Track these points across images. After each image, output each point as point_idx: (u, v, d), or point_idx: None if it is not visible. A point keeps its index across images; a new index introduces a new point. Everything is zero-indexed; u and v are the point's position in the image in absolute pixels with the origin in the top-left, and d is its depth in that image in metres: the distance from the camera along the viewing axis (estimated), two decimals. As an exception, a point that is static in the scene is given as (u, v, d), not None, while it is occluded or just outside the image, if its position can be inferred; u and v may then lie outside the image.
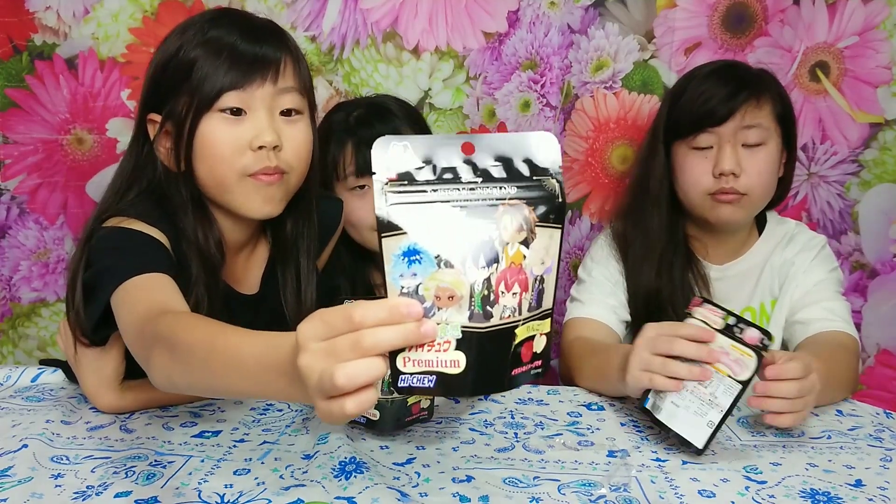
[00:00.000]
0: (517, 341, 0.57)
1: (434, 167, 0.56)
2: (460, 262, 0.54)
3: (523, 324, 0.57)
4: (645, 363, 0.94)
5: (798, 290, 1.26)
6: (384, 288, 0.55)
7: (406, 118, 1.27)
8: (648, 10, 1.50)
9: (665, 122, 1.28)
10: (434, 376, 0.55)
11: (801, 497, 0.82)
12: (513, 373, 0.57)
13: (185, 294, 0.93)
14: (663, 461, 0.90)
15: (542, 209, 0.57)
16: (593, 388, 1.13)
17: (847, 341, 1.17)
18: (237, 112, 0.94)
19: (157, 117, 0.97)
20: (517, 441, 0.95)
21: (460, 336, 0.54)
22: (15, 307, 1.54)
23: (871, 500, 0.82)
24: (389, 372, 0.55)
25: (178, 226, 0.98)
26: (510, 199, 0.56)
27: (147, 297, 0.86)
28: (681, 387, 0.91)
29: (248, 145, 0.94)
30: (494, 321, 0.55)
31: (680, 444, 0.92)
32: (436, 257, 0.54)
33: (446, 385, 0.55)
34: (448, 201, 0.55)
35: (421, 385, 0.55)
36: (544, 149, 0.58)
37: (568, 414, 1.05)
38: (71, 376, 1.10)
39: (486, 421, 1.01)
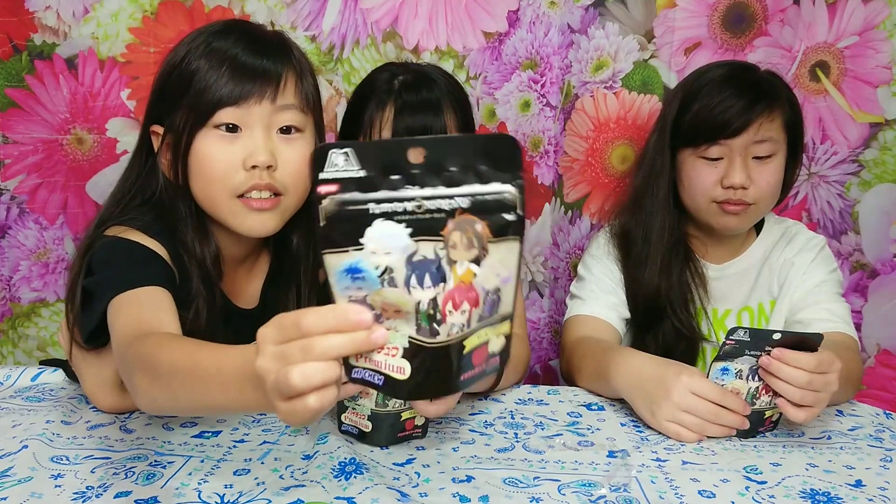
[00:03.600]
0: (466, 351, 0.55)
1: (379, 177, 0.51)
2: (403, 281, 0.52)
3: (473, 334, 0.55)
4: (677, 419, 0.95)
5: (798, 291, 1.26)
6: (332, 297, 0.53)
7: (449, 92, 1.21)
8: (648, 10, 1.50)
9: (673, 126, 1.26)
10: (382, 376, 0.54)
11: (801, 497, 0.82)
12: (462, 378, 0.56)
13: (185, 307, 0.93)
14: (663, 461, 0.90)
15: (497, 223, 0.53)
16: (592, 389, 1.13)
17: (848, 342, 1.17)
18: (233, 129, 0.92)
19: (160, 129, 0.97)
20: (517, 441, 0.95)
21: (407, 346, 0.53)
22: (15, 307, 1.54)
23: (871, 500, 0.82)
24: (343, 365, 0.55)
25: (179, 238, 0.97)
26: (461, 211, 0.52)
27: (136, 314, 0.85)
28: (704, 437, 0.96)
29: (241, 164, 0.92)
30: (441, 338, 0.53)
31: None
32: (379, 277, 0.52)
33: (392, 387, 0.54)
34: (392, 215, 0.51)
35: (371, 381, 0.55)
36: (504, 153, 0.53)
37: (568, 414, 1.05)
38: (71, 376, 1.10)
39: (486, 421, 1.01)
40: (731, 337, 0.92)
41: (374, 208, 0.51)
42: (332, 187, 0.51)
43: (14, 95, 1.45)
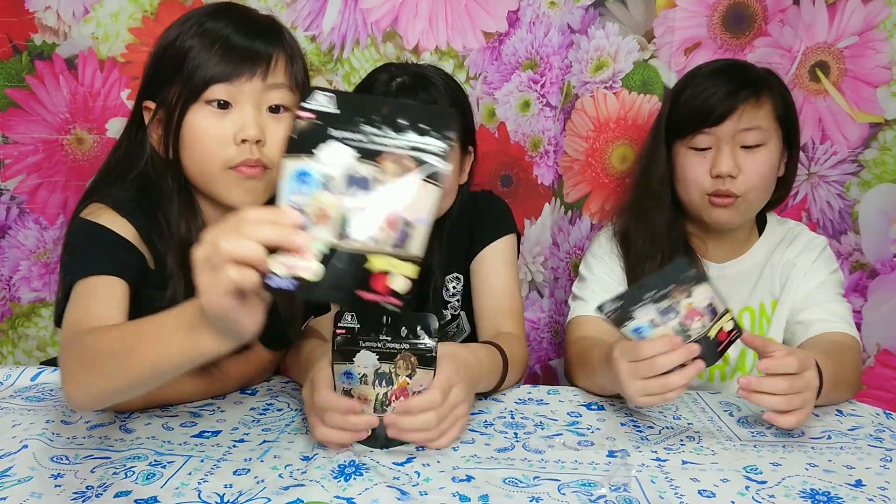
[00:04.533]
0: (368, 265, 0.63)
1: (346, 116, 0.65)
2: (339, 189, 0.64)
3: (380, 255, 0.64)
4: (643, 390, 0.94)
5: (799, 291, 1.26)
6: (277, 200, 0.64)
7: (447, 93, 1.23)
8: (648, 10, 1.50)
9: (666, 121, 1.28)
10: (297, 281, 0.62)
11: (801, 497, 0.82)
12: (358, 293, 0.63)
13: (163, 286, 0.95)
14: (663, 461, 0.90)
15: (425, 167, 0.65)
16: (591, 389, 1.13)
17: (849, 342, 1.17)
18: (224, 105, 0.95)
19: (152, 105, 1.00)
20: (517, 441, 0.95)
21: (325, 251, 0.63)
22: (15, 307, 1.54)
23: (871, 500, 0.82)
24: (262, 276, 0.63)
25: (157, 218, 0.99)
26: (399, 150, 0.65)
27: (87, 307, 0.89)
28: (686, 387, 0.94)
29: (231, 138, 0.96)
30: (354, 245, 0.63)
31: None
32: (321, 182, 0.64)
33: (304, 289, 0.63)
34: (345, 140, 0.65)
35: (286, 287, 0.63)
36: (444, 119, 0.66)
37: (568, 414, 1.05)
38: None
39: (486, 421, 1.01)
40: (607, 311, 0.95)
41: (334, 133, 0.65)
42: (310, 115, 0.65)
43: (14, 95, 1.45)
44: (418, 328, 0.90)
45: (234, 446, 0.92)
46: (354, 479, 0.83)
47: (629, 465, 0.89)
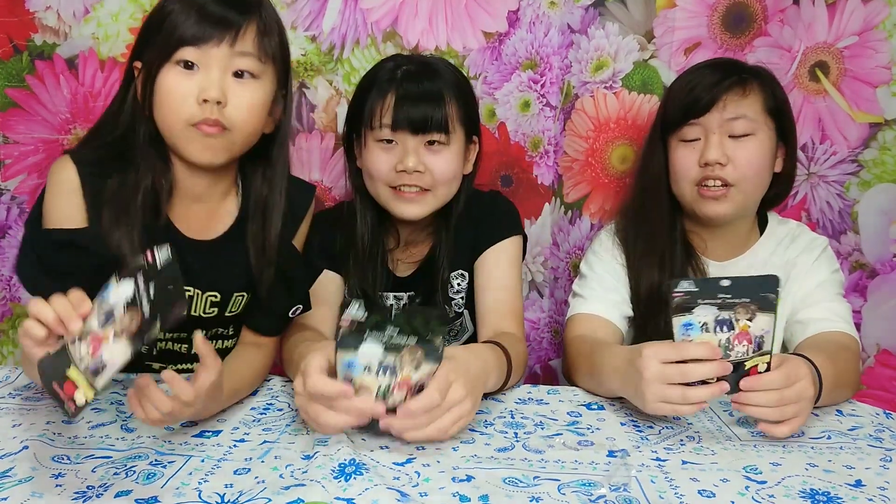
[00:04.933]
0: (68, 370, 0.78)
1: (151, 271, 0.79)
2: (99, 315, 0.80)
3: (74, 366, 0.78)
4: (662, 396, 0.94)
5: (800, 291, 1.26)
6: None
7: (452, 82, 1.23)
8: (648, 10, 1.50)
9: (661, 118, 1.30)
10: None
11: (801, 497, 0.82)
12: (53, 384, 0.79)
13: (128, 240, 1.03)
14: (663, 461, 0.90)
15: (146, 320, 0.79)
16: (590, 389, 1.14)
17: (849, 342, 1.17)
18: (191, 66, 1.02)
19: (139, 65, 1.06)
20: (517, 441, 0.95)
21: (64, 345, 0.80)
22: (15, 307, 1.54)
23: (870, 500, 0.82)
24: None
25: (125, 173, 1.06)
26: (143, 308, 0.79)
27: None
28: (706, 405, 0.94)
29: (195, 97, 1.01)
30: (75, 350, 0.79)
31: None
32: (100, 302, 0.80)
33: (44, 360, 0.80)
34: (128, 286, 0.80)
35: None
36: (174, 292, 0.81)
37: (568, 414, 1.05)
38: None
39: (486, 421, 1.01)
40: (677, 290, 0.91)
41: (128, 279, 0.80)
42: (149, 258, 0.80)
43: (14, 95, 1.45)
44: (426, 322, 0.90)
45: (235, 446, 0.92)
46: (355, 478, 0.83)
47: (629, 465, 0.89)
